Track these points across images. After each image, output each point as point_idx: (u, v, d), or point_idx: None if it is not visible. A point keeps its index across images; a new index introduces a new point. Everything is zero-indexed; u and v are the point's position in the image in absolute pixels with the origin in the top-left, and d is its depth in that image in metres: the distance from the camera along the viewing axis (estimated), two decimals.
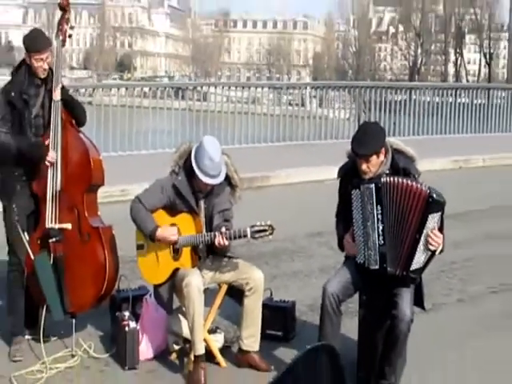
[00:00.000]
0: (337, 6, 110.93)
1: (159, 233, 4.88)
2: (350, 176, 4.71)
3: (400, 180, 4.46)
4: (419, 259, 4.48)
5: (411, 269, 4.48)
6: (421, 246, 4.45)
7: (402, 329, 4.48)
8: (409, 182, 4.45)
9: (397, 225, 4.47)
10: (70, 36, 5.46)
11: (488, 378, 5.02)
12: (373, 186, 4.48)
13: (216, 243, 4.76)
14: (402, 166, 4.65)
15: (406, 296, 4.55)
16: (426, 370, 5.06)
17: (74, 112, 5.34)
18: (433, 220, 4.43)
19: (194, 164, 4.84)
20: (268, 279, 5.37)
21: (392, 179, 4.47)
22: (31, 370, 4.98)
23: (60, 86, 5.22)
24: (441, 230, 4.50)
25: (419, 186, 4.42)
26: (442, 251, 4.58)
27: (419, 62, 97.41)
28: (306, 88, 21.68)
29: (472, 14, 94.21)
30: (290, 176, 12.33)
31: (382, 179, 4.49)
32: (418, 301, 4.72)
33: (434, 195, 4.38)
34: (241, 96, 18.73)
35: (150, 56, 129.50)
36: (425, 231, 4.42)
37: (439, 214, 4.46)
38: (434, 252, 4.50)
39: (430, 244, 4.44)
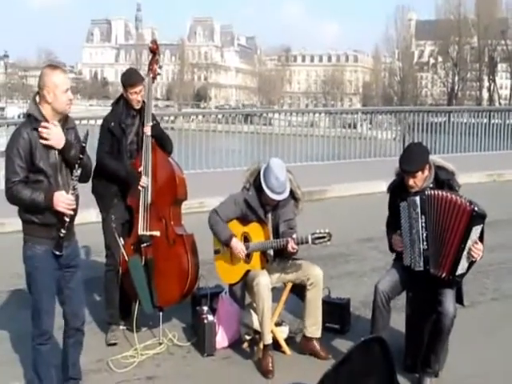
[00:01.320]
0: (383, 41, 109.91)
1: (233, 242, 4.95)
2: (397, 191, 4.70)
3: (442, 193, 4.42)
4: (463, 265, 4.44)
5: (457, 274, 4.44)
6: (465, 254, 4.40)
7: (446, 323, 4.44)
8: (452, 196, 4.40)
9: (441, 233, 4.42)
10: (159, 74, 5.57)
11: None
12: (418, 198, 4.46)
13: (289, 248, 4.79)
14: (443, 179, 4.61)
15: (449, 294, 4.51)
16: (463, 357, 4.99)
17: (163, 144, 5.43)
18: (476, 231, 4.38)
19: (262, 182, 4.89)
20: (326, 279, 5.35)
21: (435, 192, 4.44)
22: (125, 355, 5.10)
23: (151, 123, 5.31)
24: (481, 239, 4.45)
25: (463, 200, 4.37)
26: (481, 257, 4.52)
27: (456, 88, 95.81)
28: (357, 113, 21.56)
29: (503, 44, 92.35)
30: (344, 190, 12.24)
31: (426, 192, 4.46)
32: (458, 298, 4.65)
33: (477, 209, 4.33)
34: (300, 120, 18.69)
35: (223, 87, 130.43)
36: (469, 241, 4.37)
37: (481, 225, 4.41)
38: (475, 259, 4.45)
39: (473, 255, 4.40)
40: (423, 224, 4.46)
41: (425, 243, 4.47)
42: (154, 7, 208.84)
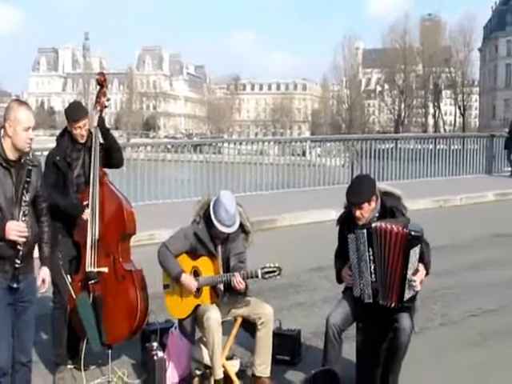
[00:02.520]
0: (331, 69, 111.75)
1: (183, 277, 4.93)
2: (346, 223, 4.76)
3: (386, 225, 4.47)
4: (410, 289, 4.48)
5: (404, 299, 4.49)
6: (408, 279, 4.45)
7: (403, 339, 4.50)
8: (392, 225, 4.46)
9: (386, 264, 4.48)
10: (106, 107, 5.51)
11: None
12: (365, 231, 4.52)
13: (234, 283, 4.80)
14: (389, 205, 4.69)
15: (404, 312, 4.56)
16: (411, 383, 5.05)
17: (113, 153, 5.38)
18: (414, 253, 4.43)
19: (212, 215, 4.89)
20: (277, 311, 5.36)
21: (380, 225, 4.49)
22: None
23: (97, 115, 5.31)
24: (422, 259, 4.49)
25: (399, 227, 4.43)
26: (427, 274, 4.58)
27: (403, 115, 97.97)
28: (306, 141, 21.79)
29: (447, 72, 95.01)
30: (294, 218, 12.32)
31: (373, 225, 4.51)
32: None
33: (412, 232, 4.40)
34: (250, 149, 18.81)
35: (172, 116, 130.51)
36: (410, 265, 4.43)
37: (419, 246, 4.45)
38: (418, 287, 4.50)
39: (414, 284, 4.44)
40: (371, 257, 4.51)
41: (373, 276, 4.52)
42: (102, 36, 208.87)
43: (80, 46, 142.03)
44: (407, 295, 4.49)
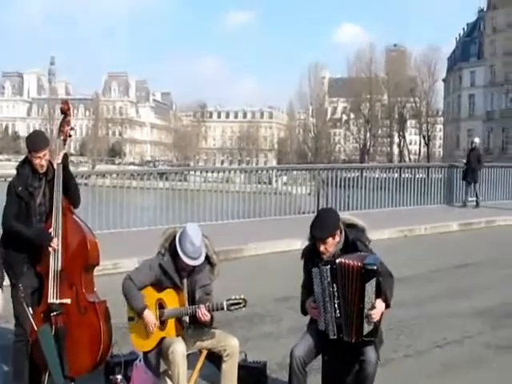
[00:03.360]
0: (297, 98, 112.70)
1: (146, 314, 4.90)
2: (310, 256, 4.77)
3: (347, 261, 4.47)
4: (369, 324, 4.48)
5: (364, 333, 4.49)
6: (365, 314, 4.45)
7: (369, 371, 4.50)
8: (351, 261, 4.45)
9: (346, 299, 4.49)
10: (70, 136, 5.50)
11: None
12: (328, 267, 4.51)
13: (199, 315, 4.79)
14: (352, 238, 4.70)
15: (370, 352, 4.56)
16: None
17: (70, 192, 5.34)
18: (370, 286, 4.42)
19: (177, 247, 4.88)
20: (243, 342, 5.34)
21: (343, 261, 4.48)
22: None
23: (63, 151, 5.28)
24: (380, 291, 4.46)
25: (355, 262, 4.42)
26: (388, 306, 4.56)
27: (368, 144, 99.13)
28: (272, 170, 21.92)
29: (412, 102, 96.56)
30: (261, 248, 12.32)
31: (337, 261, 4.50)
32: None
33: (367, 266, 4.40)
34: (216, 176, 18.84)
35: (138, 143, 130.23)
36: (366, 299, 4.43)
37: (374, 279, 4.42)
38: (375, 320, 4.49)
39: (371, 317, 4.43)
40: (335, 292, 4.50)
41: (337, 311, 4.52)
42: (68, 61, 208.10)
43: (45, 71, 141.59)
44: (366, 330, 4.48)
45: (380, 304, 4.46)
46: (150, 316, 4.90)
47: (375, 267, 4.43)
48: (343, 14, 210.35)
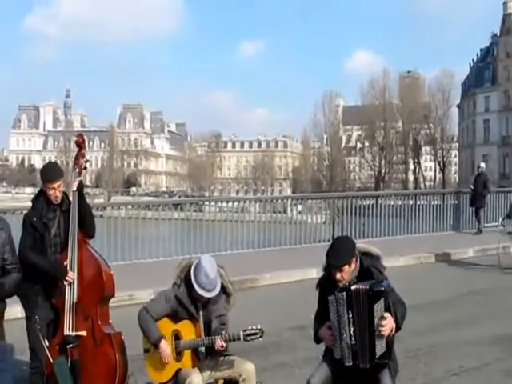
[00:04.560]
0: (312, 127, 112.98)
1: (162, 345, 4.92)
2: (325, 285, 4.78)
3: (362, 287, 4.51)
4: (381, 345, 4.48)
5: (377, 356, 4.49)
6: (377, 334, 4.46)
7: None
8: (361, 286, 4.50)
9: (360, 325, 4.50)
10: (85, 168, 5.60)
11: None
12: (344, 294, 4.53)
13: (217, 346, 4.82)
14: (366, 265, 4.72)
15: (385, 372, 4.56)
16: None
17: (86, 221, 5.41)
18: (378, 307, 4.44)
19: (192, 279, 4.93)
20: (258, 371, 5.33)
21: (358, 287, 4.51)
22: None
23: (78, 178, 5.38)
24: (389, 311, 4.46)
25: (363, 286, 4.48)
26: (399, 329, 4.57)
27: (383, 171, 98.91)
28: (287, 199, 21.95)
29: (426, 128, 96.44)
30: (276, 277, 12.33)
31: (352, 287, 4.53)
32: None
33: (373, 287, 4.44)
34: (231, 206, 18.89)
35: (153, 174, 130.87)
36: (376, 320, 4.44)
37: (382, 300, 4.44)
38: (390, 333, 4.49)
39: (382, 330, 4.43)
40: (350, 319, 4.51)
41: (353, 338, 4.52)
42: (84, 93, 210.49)
43: (61, 103, 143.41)
44: (379, 352, 4.48)
45: (390, 319, 4.45)
46: (166, 347, 4.92)
47: (382, 288, 4.47)
48: (356, 41, 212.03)
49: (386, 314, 4.44)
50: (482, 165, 21.40)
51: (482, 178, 20.12)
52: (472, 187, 20.19)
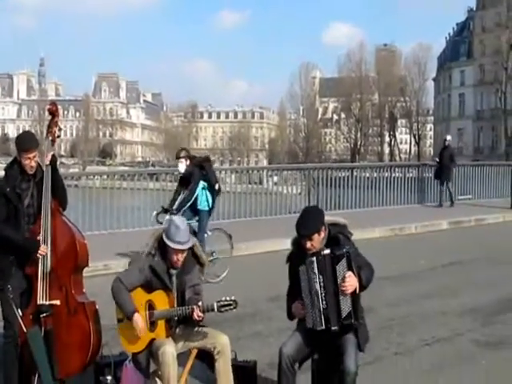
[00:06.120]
0: (288, 98, 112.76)
1: (135, 318, 4.87)
2: (295, 259, 4.81)
3: (326, 251, 4.58)
4: (345, 306, 4.54)
5: (342, 316, 4.54)
6: (341, 294, 4.52)
7: (348, 382, 4.51)
8: (327, 250, 4.58)
9: (328, 287, 4.56)
10: (58, 136, 5.49)
11: None
12: (314, 258, 4.59)
13: (194, 316, 4.79)
14: (333, 233, 4.75)
15: (350, 351, 4.59)
16: None
17: (58, 194, 5.34)
18: (341, 268, 4.51)
19: (164, 237, 4.93)
20: (233, 341, 5.33)
21: (324, 252, 4.58)
22: None
23: (51, 153, 5.27)
24: (352, 270, 4.52)
25: (327, 251, 4.57)
26: (364, 288, 4.62)
27: (359, 143, 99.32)
28: (263, 170, 21.93)
29: (402, 101, 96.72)
30: (251, 248, 12.35)
31: (322, 252, 4.59)
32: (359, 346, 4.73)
33: (334, 250, 4.54)
34: None
35: (129, 144, 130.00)
36: (339, 280, 4.51)
37: (344, 260, 4.51)
38: (354, 292, 4.54)
39: (344, 289, 4.49)
40: (321, 283, 4.57)
41: (324, 302, 4.57)
42: (58, 62, 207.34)
43: (35, 72, 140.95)
44: (344, 309, 4.52)
45: (352, 278, 4.50)
46: (140, 321, 4.88)
47: (344, 250, 4.54)
48: (333, 13, 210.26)
49: (348, 273, 4.50)
50: (449, 137, 21.19)
51: (449, 151, 20.01)
52: (437, 160, 20.09)
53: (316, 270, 4.58)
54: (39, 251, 5.10)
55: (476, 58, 77.45)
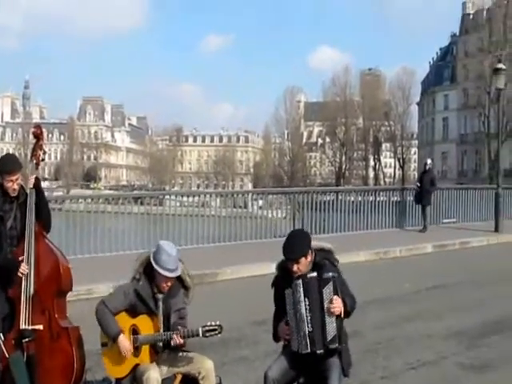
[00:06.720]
0: (273, 122, 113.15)
1: (121, 339, 4.85)
2: (280, 284, 4.81)
3: (313, 274, 4.60)
4: (330, 329, 4.55)
5: (327, 340, 4.54)
6: (327, 318, 4.53)
7: None
8: (314, 273, 4.60)
9: (314, 310, 4.57)
10: (43, 160, 5.49)
11: None
12: (300, 281, 4.59)
13: (172, 343, 4.77)
14: (319, 258, 4.76)
15: (334, 375, 4.58)
16: None
17: (42, 217, 5.31)
18: (327, 291, 4.54)
19: (153, 263, 4.89)
20: (218, 366, 5.32)
21: (311, 275, 4.60)
22: None
23: (34, 176, 5.26)
24: (337, 293, 4.57)
25: (314, 274, 4.59)
26: (349, 314, 4.67)
27: (344, 167, 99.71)
28: (248, 194, 21.94)
29: (387, 125, 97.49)
30: (236, 272, 12.32)
31: (308, 275, 4.60)
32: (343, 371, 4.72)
33: (321, 274, 4.57)
34: (192, 201, 18.81)
35: (113, 168, 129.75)
36: (325, 304, 4.53)
37: (330, 284, 4.55)
38: (339, 316, 4.57)
39: (332, 310, 4.51)
40: (307, 306, 4.57)
41: (309, 325, 4.57)
42: (43, 84, 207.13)
43: (19, 95, 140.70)
44: (329, 332, 4.53)
45: (338, 300, 4.54)
46: (125, 342, 4.86)
47: (330, 274, 4.59)
48: (319, 37, 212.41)
49: (335, 297, 4.54)
50: (429, 161, 21.03)
51: (429, 175, 19.91)
52: (418, 184, 19.96)
53: (302, 293, 4.57)
54: (20, 269, 5.05)
55: (459, 82, 78.26)
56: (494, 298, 10.41)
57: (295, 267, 4.66)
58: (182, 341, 4.77)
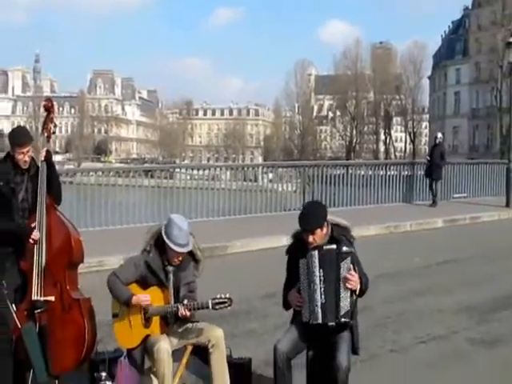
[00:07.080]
0: (284, 95, 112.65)
1: (134, 299, 4.87)
2: (294, 252, 4.80)
3: (331, 246, 4.59)
4: (345, 303, 4.55)
5: (341, 314, 4.54)
6: (342, 291, 4.53)
7: (340, 377, 4.48)
8: (333, 246, 4.59)
9: (329, 282, 4.55)
10: (53, 133, 5.47)
11: None
12: (316, 252, 4.58)
13: (179, 314, 4.78)
14: (336, 234, 4.75)
15: (343, 347, 4.59)
16: None
17: (53, 189, 5.31)
18: (345, 265, 4.53)
19: (164, 237, 4.87)
20: (228, 338, 5.32)
21: (329, 247, 4.59)
22: None
23: (45, 149, 5.27)
24: (354, 269, 4.57)
25: (333, 246, 4.58)
26: (363, 293, 4.66)
27: (354, 141, 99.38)
28: (258, 167, 21.91)
29: (398, 99, 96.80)
30: (246, 245, 12.33)
31: (325, 247, 4.59)
32: (352, 347, 4.74)
33: (340, 248, 4.56)
34: (202, 174, 18.81)
35: (124, 141, 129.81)
36: (341, 276, 4.52)
37: (349, 259, 4.54)
38: (354, 292, 4.57)
39: (348, 283, 4.51)
40: (321, 277, 4.56)
41: (322, 296, 4.56)
42: (53, 58, 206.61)
43: (30, 68, 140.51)
44: (343, 306, 4.53)
45: (356, 276, 4.54)
46: (139, 297, 4.87)
47: (349, 249, 4.59)
48: (330, 11, 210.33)
49: (353, 272, 4.54)
50: (439, 135, 20.82)
51: (439, 148, 19.85)
52: (428, 158, 20.01)
53: (317, 264, 4.56)
54: (32, 236, 5.07)
55: (472, 56, 77.53)
56: (505, 272, 10.39)
57: (310, 238, 4.65)
58: (188, 313, 4.77)
